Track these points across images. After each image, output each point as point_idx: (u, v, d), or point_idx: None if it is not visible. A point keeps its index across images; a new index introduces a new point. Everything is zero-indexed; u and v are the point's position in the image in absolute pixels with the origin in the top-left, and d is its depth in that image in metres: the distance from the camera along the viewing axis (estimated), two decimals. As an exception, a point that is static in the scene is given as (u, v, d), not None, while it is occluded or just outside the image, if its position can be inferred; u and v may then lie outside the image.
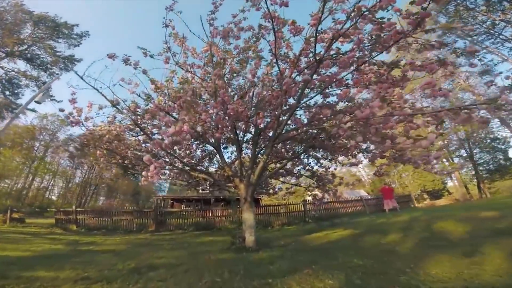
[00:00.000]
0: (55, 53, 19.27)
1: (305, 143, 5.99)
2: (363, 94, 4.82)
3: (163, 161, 3.97)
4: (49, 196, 37.88)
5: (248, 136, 7.07)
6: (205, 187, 8.90)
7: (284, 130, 5.43)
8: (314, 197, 7.32)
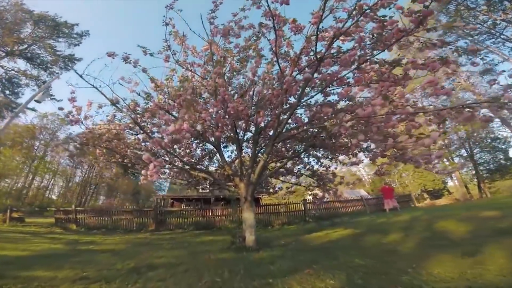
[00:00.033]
0: (55, 52, 19.29)
1: (305, 142, 5.96)
2: (364, 93, 4.79)
3: (162, 160, 3.94)
4: (49, 195, 37.92)
5: (249, 135, 7.05)
6: (205, 186, 8.87)
7: (284, 129, 5.40)
8: (315, 196, 7.29)
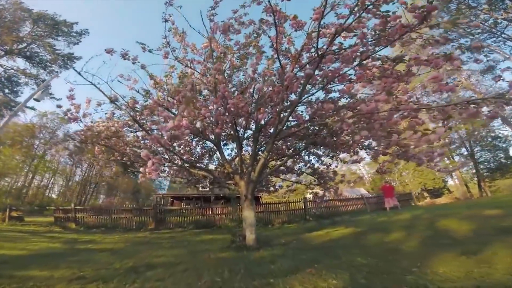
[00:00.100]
0: (54, 51, 19.22)
1: (306, 139, 5.90)
2: (366, 90, 4.73)
3: (161, 157, 3.88)
4: (49, 194, 37.88)
5: (249, 133, 6.99)
6: (205, 184, 8.82)
7: (285, 127, 5.34)
8: (315, 195, 7.25)
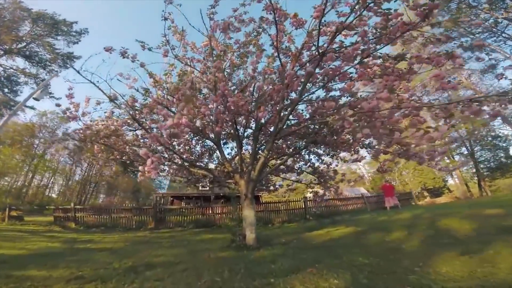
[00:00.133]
0: (54, 50, 19.14)
1: (306, 138, 5.86)
2: (366, 88, 4.70)
3: (161, 156, 3.85)
4: (49, 194, 37.82)
5: (249, 132, 6.96)
6: (205, 183, 8.79)
7: (285, 125, 5.31)
8: (315, 194, 7.22)
